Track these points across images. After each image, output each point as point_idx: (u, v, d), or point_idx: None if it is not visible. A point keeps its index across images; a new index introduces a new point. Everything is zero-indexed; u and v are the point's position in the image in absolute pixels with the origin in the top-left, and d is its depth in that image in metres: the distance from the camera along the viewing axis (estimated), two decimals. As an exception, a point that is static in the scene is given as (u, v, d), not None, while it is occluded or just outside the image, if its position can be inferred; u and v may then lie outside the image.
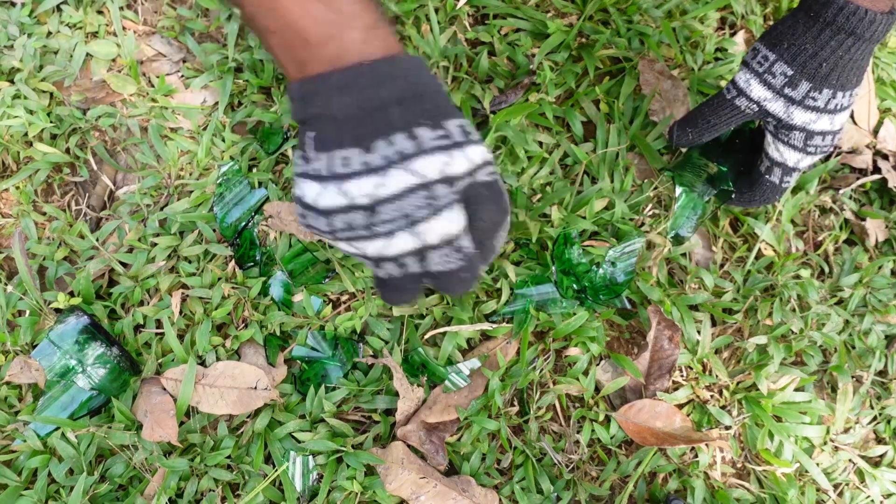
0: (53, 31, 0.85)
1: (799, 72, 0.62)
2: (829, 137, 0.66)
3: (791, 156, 0.68)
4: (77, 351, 0.69)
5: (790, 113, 0.65)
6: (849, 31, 0.59)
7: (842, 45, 0.60)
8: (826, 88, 0.62)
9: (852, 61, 0.61)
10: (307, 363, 0.75)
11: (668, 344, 0.78)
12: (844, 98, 0.63)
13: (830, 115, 0.64)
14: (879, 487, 0.79)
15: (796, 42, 0.62)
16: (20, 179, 0.80)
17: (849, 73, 0.62)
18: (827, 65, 0.61)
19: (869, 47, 0.60)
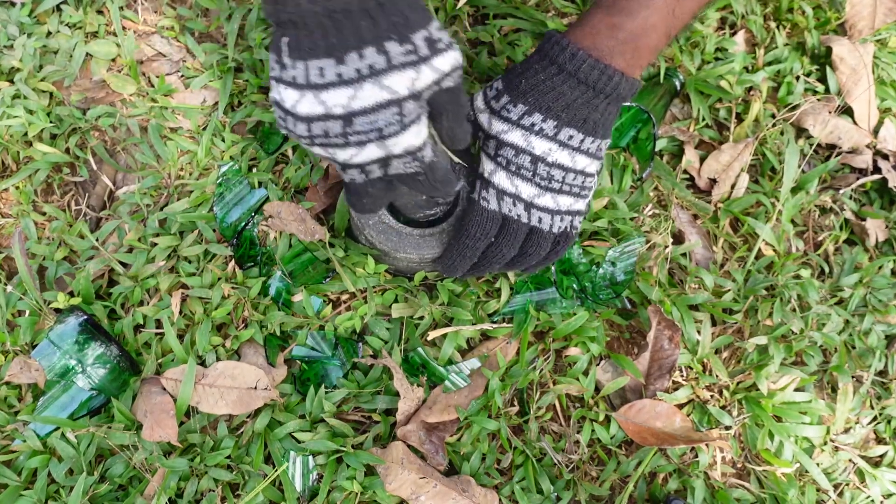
0: (53, 30, 0.85)
1: (505, 87, 0.63)
2: (526, 157, 0.62)
3: (486, 164, 0.65)
4: (77, 351, 0.69)
5: (490, 122, 0.64)
6: (552, 59, 0.60)
7: (545, 71, 0.60)
8: (521, 104, 0.61)
9: (554, 90, 0.60)
10: (307, 363, 0.75)
11: (668, 344, 0.78)
12: (542, 122, 0.61)
13: (524, 132, 0.62)
14: (880, 487, 0.79)
15: (516, 68, 0.63)
16: (20, 179, 0.80)
17: (549, 100, 0.60)
18: (526, 82, 0.61)
19: (571, 82, 0.60)
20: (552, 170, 0.62)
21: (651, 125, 0.84)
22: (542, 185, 0.63)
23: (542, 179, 0.63)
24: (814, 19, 0.97)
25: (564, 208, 0.65)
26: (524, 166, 0.62)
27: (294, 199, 0.81)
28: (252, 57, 0.85)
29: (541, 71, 0.61)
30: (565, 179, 0.63)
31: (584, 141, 0.62)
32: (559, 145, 0.62)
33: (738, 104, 0.92)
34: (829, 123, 0.91)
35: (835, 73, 0.94)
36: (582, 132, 0.61)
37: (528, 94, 0.61)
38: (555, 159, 0.62)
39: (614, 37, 0.59)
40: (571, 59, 0.59)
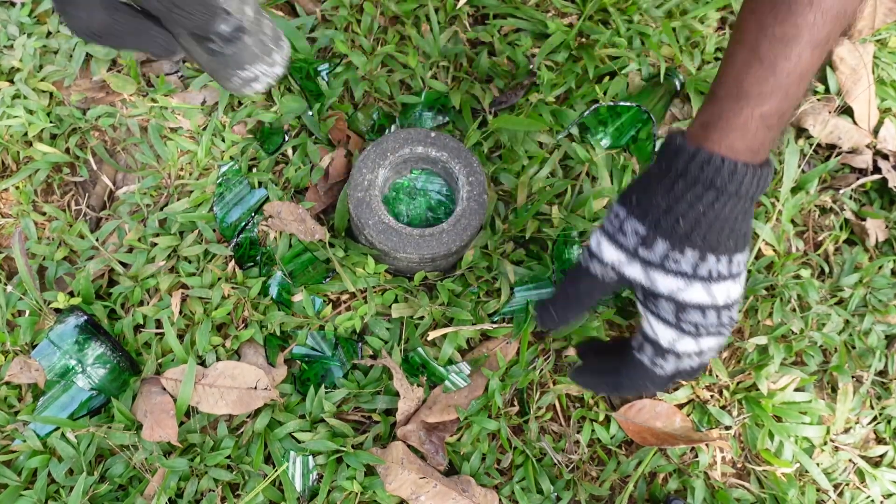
0: (53, 30, 0.85)
1: (652, 229, 0.51)
2: (713, 314, 0.52)
3: (663, 332, 0.53)
4: (77, 351, 0.69)
5: (652, 278, 0.52)
6: (706, 183, 0.48)
7: (701, 200, 0.49)
8: (689, 249, 0.50)
9: (720, 219, 0.49)
10: (307, 363, 0.75)
11: None
12: (720, 264, 0.51)
13: (705, 284, 0.51)
14: (880, 487, 0.79)
15: (648, 196, 0.51)
16: (20, 179, 0.80)
17: (719, 233, 0.50)
18: (685, 221, 0.50)
19: (740, 204, 0.49)
20: (732, 310, 0.53)
21: (651, 125, 0.84)
22: (724, 331, 0.54)
23: (725, 327, 0.54)
24: (814, 19, 0.97)
25: (707, 347, 0.55)
26: (711, 323, 0.52)
27: (294, 199, 0.81)
28: (252, 57, 0.85)
29: (697, 201, 0.49)
30: (732, 318, 0.54)
31: (733, 260, 0.52)
32: (733, 280, 0.52)
33: (738, 104, 0.92)
34: (829, 123, 0.91)
35: (835, 72, 0.94)
36: (737, 252, 0.52)
37: (693, 235, 0.50)
38: (732, 297, 0.53)
39: (767, 127, 0.48)
40: (731, 178, 0.48)
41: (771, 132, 0.48)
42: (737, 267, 0.52)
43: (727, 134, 0.48)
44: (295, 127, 0.84)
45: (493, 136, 0.83)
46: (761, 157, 0.49)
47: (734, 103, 0.48)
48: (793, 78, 0.46)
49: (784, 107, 0.47)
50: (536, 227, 0.80)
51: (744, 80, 0.47)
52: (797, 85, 0.46)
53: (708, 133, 0.49)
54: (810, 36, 0.45)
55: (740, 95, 0.47)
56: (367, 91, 0.86)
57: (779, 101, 0.47)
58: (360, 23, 0.88)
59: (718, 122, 0.48)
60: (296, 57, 0.86)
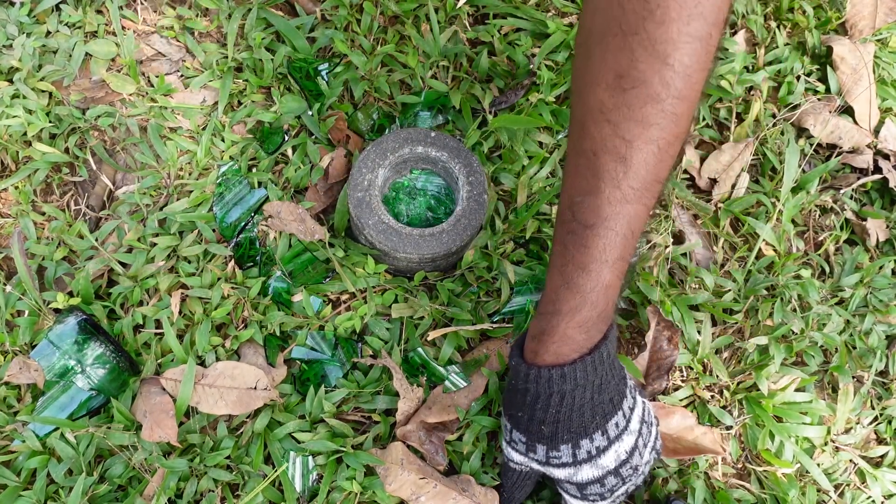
0: (52, 30, 0.85)
1: (528, 436, 0.60)
2: (612, 477, 0.60)
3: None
4: (76, 351, 0.69)
5: (548, 471, 0.61)
6: (547, 392, 0.56)
7: (549, 405, 0.56)
8: (562, 444, 0.58)
9: (575, 410, 0.56)
10: (307, 363, 0.75)
11: (666, 345, 0.78)
12: (595, 441, 0.58)
13: (590, 463, 0.59)
14: (880, 488, 0.79)
15: (514, 410, 0.60)
16: (19, 179, 0.80)
17: (580, 419, 0.57)
18: (547, 426, 0.57)
19: (588, 389, 0.56)
20: (621, 471, 0.60)
21: None
22: (623, 484, 0.62)
23: (627, 479, 0.61)
24: (814, 19, 0.97)
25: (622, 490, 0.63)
26: (614, 483, 0.61)
27: (294, 199, 0.80)
28: (252, 57, 0.85)
29: (547, 407, 0.57)
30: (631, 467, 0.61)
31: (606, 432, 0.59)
32: (618, 440, 0.59)
33: (739, 104, 0.92)
34: (829, 123, 0.91)
35: (835, 72, 0.94)
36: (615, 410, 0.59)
37: (559, 433, 0.58)
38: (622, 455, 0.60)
39: (587, 329, 0.55)
40: (562, 380, 0.55)
41: (590, 332, 0.55)
42: (615, 429, 0.58)
43: (550, 346, 0.55)
44: (295, 127, 0.84)
45: (493, 136, 0.83)
46: (591, 343, 0.55)
47: (552, 319, 0.55)
48: (597, 291, 0.53)
49: (593, 314, 0.54)
50: (536, 227, 0.80)
51: (556, 300, 0.54)
52: (603, 295, 0.53)
53: (537, 348, 0.56)
54: (604, 258, 0.52)
55: (555, 312, 0.55)
56: (366, 91, 0.86)
57: (587, 311, 0.53)
58: (359, 22, 0.88)
59: (543, 337, 0.56)
60: (296, 56, 0.86)
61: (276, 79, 0.85)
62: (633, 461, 0.60)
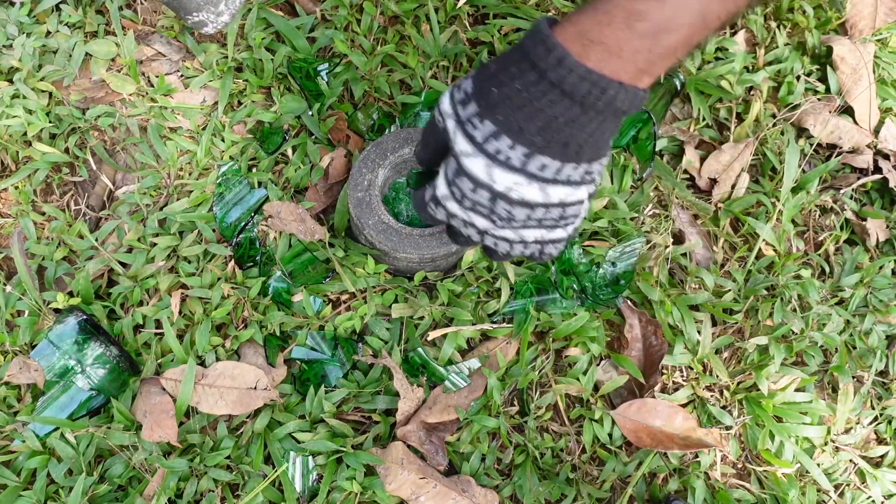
0: (52, 30, 0.85)
1: (475, 91, 0.50)
2: (484, 194, 0.51)
3: (440, 185, 0.54)
4: (76, 351, 0.69)
5: (455, 136, 0.51)
6: (532, 61, 0.46)
7: (523, 78, 0.47)
8: (488, 120, 0.48)
9: (531, 107, 0.47)
10: (307, 363, 0.75)
11: (655, 340, 0.78)
12: (514, 151, 0.48)
13: (488, 162, 0.49)
14: (880, 488, 0.79)
15: (492, 65, 0.49)
16: (19, 179, 0.80)
17: (527, 123, 0.47)
18: (499, 90, 0.48)
19: (567, 108, 0.46)
20: (514, 208, 0.51)
21: (651, 125, 0.84)
22: (500, 224, 0.53)
23: (500, 219, 0.52)
24: (814, 19, 0.97)
25: (532, 239, 0.54)
26: (481, 202, 0.51)
27: (294, 199, 0.80)
28: (252, 57, 0.85)
29: (518, 76, 0.47)
30: (531, 216, 0.52)
31: (563, 169, 0.49)
32: (527, 178, 0.49)
33: (739, 104, 0.92)
34: (829, 123, 0.91)
35: (835, 72, 0.94)
36: (559, 159, 0.49)
37: (499, 108, 0.48)
38: (520, 195, 0.50)
39: (632, 28, 0.45)
40: (557, 66, 0.45)
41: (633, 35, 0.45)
42: (519, 157, 0.49)
43: (586, 17, 0.47)
44: (295, 127, 0.84)
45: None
46: (610, 64, 0.46)
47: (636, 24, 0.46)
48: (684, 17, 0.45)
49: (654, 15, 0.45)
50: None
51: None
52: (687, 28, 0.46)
53: (574, 16, 0.48)
54: None
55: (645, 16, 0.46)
56: (366, 91, 0.86)
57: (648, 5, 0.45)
58: (359, 22, 0.88)
59: (589, 4, 0.47)
60: (295, 56, 0.86)
61: (276, 79, 0.85)
62: (569, 212, 0.53)
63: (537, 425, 0.76)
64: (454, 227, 0.56)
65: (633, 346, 0.79)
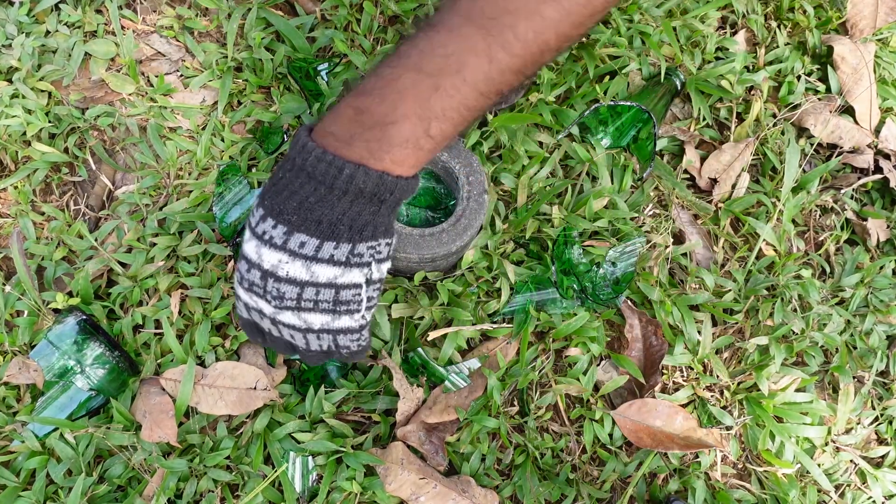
0: (52, 30, 0.85)
1: (264, 186, 0.55)
2: (256, 273, 0.53)
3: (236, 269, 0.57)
4: (75, 351, 0.69)
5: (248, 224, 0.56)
6: (288, 153, 0.52)
7: (282, 167, 0.53)
8: (259, 207, 0.53)
9: (288, 190, 0.52)
10: (306, 363, 0.75)
11: (655, 340, 0.78)
12: (276, 230, 0.52)
13: (258, 243, 0.53)
14: (881, 488, 0.79)
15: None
16: (18, 179, 0.80)
17: (285, 205, 0.52)
18: (269, 181, 0.54)
19: (314, 188, 0.51)
20: (282, 286, 0.53)
21: (651, 125, 0.84)
22: (277, 305, 0.54)
23: (273, 298, 0.54)
24: (815, 18, 0.97)
25: (318, 326, 0.55)
26: (255, 283, 0.54)
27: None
28: (251, 56, 0.85)
29: (281, 167, 0.53)
30: (302, 296, 0.53)
31: (322, 247, 0.52)
32: (290, 255, 0.52)
33: (739, 104, 0.92)
34: (830, 123, 0.91)
35: (836, 72, 0.94)
36: (316, 236, 0.52)
37: (267, 195, 0.53)
38: (286, 273, 0.52)
39: (359, 121, 0.51)
40: (301, 152, 0.51)
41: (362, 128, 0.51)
42: (280, 235, 0.52)
43: (329, 115, 0.53)
44: (295, 127, 0.84)
45: (493, 135, 0.83)
46: (346, 151, 0.51)
47: (347, 93, 0.53)
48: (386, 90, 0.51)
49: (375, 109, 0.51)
50: (536, 227, 0.80)
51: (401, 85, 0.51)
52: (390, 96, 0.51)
53: (323, 117, 0.54)
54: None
55: (352, 88, 0.53)
56: (366, 90, 0.86)
57: (369, 101, 0.51)
58: (359, 22, 0.88)
59: (330, 107, 0.54)
60: (295, 56, 0.86)
61: (275, 79, 0.85)
62: (344, 295, 0.55)
63: (537, 425, 0.76)
64: (250, 322, 0.58)
65: (633, 346, 0.79)
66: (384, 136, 0.50)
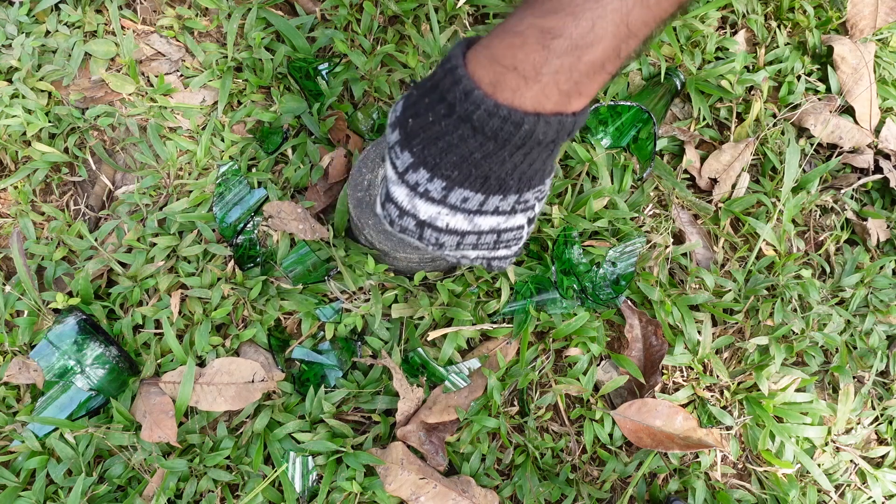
0: (52, 30, 0.85)
1: (398, 119, 0.49)
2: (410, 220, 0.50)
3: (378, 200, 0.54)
4: (76, 351, 0.69)
5: (386, 159, 0.51)
6: (441, 93, 0.44)
7: (435, 110, 0.45)
8: (406, 151, 0.47)
9: (445, 141, 0.45)
10: (307, 364, 0.75)
11: (655, 340, 0.78)
12: (433, 184, 0.48)
13: (409, 192, 0.49)
14: (881, 488, 0.79)
15: (413, 92, 0.48)
16: (18, 179, 0.80)
17: (442, 158, 0.46)
18: (415, 121, 0.46)
19: (481, 143, 0.44)
20: (442, 236, 0.50)
21: (651, 125, 0.84)
22: (434, 247, 0.52)
23: (430, 244, 0.51)
24: (815, 18, 0.97)
25: (474, 256, 0.55)
26: (409, 228, 0.51)
27: (294, 199, 0.80)
28: (251, 56, 0.85)
29: (431, 108, 0.45)
30: (463, 242, 0.51)
31: (488, 201, 0.48)
32: (450, 209, 0.48)
33: (739, 104, 0.92)
34: (830, 123, 0.91)
35: (836, 72, 0.94)
36: (482, 192, 0.47)
37: (416, 140, 0.46)
38: (446, 224, 0.49)
39: (547, 48, 0.41)
40: (464, 100, 0.43)
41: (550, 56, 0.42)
42: (439, 190, 0.48)
43: (497, 41, 0.44)
44: (294, 126, 0.84)
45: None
46: (525, 95, 0.43)
47: (522, 10, 0.44)
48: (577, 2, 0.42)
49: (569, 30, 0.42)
50: (536, 227, 0.80)
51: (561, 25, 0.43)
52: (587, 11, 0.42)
53: (485, 40, 0.45)
54: None
55: (528, 3, 0.44)
56: (366, 90, 0.86)
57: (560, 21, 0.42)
58: (359, 22, 0.88)
59: (499, 28, 0.45)
60: (295, 56, 0.86)
61: (275, 78, 0.85)
62: (505, 237, 0.52)
63: (537, 425, 0.76)
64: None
65: (633, 346, 0.79)
66: (577, 66, 0.42)
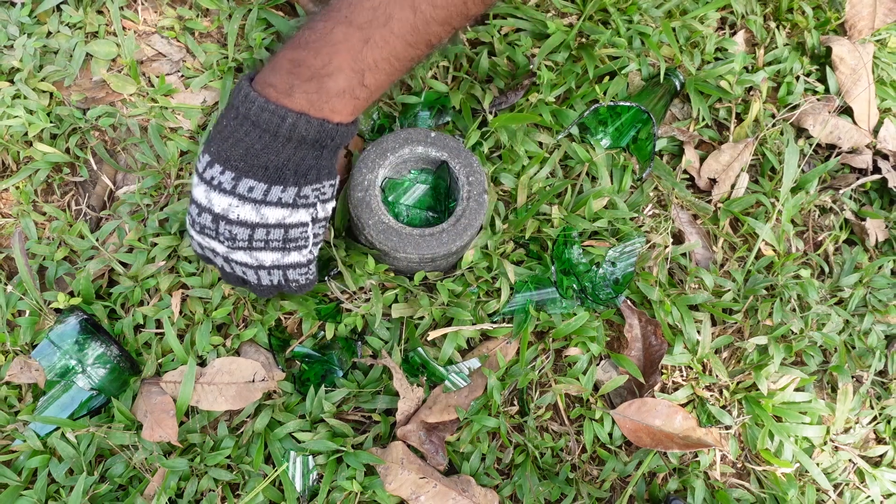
0: (53, 30, 0.85)
1: (209, 133, 0.58)
2: (207, 217, 0.57)
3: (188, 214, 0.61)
4: (77, 351, 0.69)
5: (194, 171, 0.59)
6: (231, 101, 0.55)
7: (227, 115, 0.55)
8: (206, 153, 0.56)
9: (233, 138, 0.55)
10: (307, 363, 0.75)
11: (654, 340, 0.78)
12: (224, 176, 0.56)
13: (206, 188, 0.56)
14: (879, 487, 0.79)
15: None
16: (20, 179, 0.80)
17: (231, 151, 0.55)
18: (214, 128, 0.56)
19: (259, 136, 0.54)
20: (234, 228, 0.57)
21: (651, 125, 0.84)
22: (229, 245, 0.58)
23: (225, 239, 0.57)
24: (814, 19, 0.97)
25: (269, 263, 0.60)
26: (207, 226, 0.57)
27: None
28: (252, 57, 0.85)
29: (225, 115, 0.56)
30: (254, 237, 0.57)
31: (271, 191, 0.56)
32: (239, 199, 0.56)
33: (738, 104, 0.92)
34: (828, 123, 0.91)
35: (835, 73, 0.94)
36: (264, 181, 0.55)
37: (213, 142, 0.56)
38: (237, 216, 0.56)
39: (296, 73, 0.53)
40: (244, 101, 0.54)
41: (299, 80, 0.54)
42: (229, 181, 0.55)
43: (267, 67, 0.56)
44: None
45: (493, 136, 0.83)
46: (287, 101, 0.54)
47: (283, 46, 0.56)
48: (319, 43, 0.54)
49: (310, 62, 0.53)
50: (536, 227, 0.80)
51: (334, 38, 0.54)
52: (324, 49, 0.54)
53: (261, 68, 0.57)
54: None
55: (287, 41, 0.56)
56: (367, 91, 0.86)
57: (304, 54, 0.54)
58: (360, 23, 0.88)
59: (268, 59, 0.57)
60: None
61: (276, 79, 0.85)
62: (292, 234, 0.59)
63: (537, 425, 0.77)
64: (208, 259, 0.62)
65: (632, 346, 0.79)
66: (322, 88, 0.53)
